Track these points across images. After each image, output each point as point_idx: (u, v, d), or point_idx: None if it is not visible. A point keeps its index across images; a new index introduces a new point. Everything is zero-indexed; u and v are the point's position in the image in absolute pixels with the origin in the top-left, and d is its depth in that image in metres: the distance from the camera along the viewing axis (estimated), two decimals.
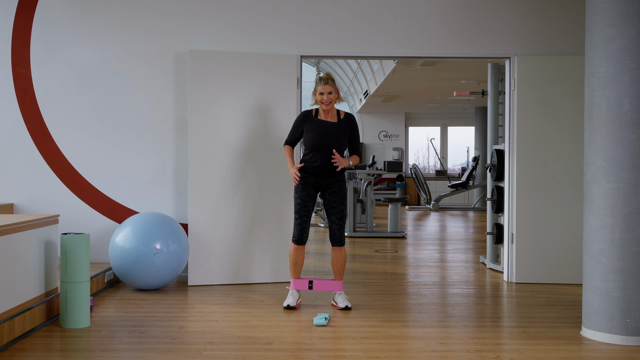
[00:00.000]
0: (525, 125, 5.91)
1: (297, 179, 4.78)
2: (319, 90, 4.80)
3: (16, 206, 5.96)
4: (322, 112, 4.87)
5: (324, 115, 4.86)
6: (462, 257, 7.66)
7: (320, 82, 4.81)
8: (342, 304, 4.82)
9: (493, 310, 5.03)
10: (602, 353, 3.81)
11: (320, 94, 4.80)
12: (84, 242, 4.30)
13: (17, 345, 3.85)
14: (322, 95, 4.79)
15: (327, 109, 4.81)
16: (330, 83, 4.80)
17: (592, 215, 4.13)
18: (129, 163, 6.02)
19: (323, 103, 4.79)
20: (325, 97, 4.78)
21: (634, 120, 3.98)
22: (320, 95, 4.80)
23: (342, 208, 4.86)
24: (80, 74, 6.00)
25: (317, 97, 4.83)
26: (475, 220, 13.01)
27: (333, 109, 4.89)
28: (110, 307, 4.87)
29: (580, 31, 5.79)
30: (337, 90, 4.83)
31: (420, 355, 3.72)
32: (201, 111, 5.69)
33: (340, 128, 4.84)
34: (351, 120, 4.93)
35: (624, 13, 3.98)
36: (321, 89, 4.79)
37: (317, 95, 4.83)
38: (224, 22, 5.97)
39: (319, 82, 4.81)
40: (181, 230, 5.51)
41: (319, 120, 4.85)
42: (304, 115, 4.91)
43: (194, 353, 3.71)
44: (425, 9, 6.01)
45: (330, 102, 4.79)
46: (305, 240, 4.88)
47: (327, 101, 4.77)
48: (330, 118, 4.87)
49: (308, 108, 4.99)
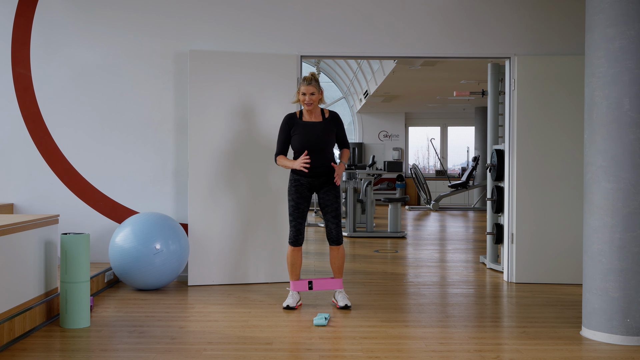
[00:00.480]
0: (525, 125, 5.91)
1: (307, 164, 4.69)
2: (301, 90, 4.80)
3: (16, 206, 5.96)
4: (305, 113, 4.86)
5: (308, 116, 4.86)
6: (462, 257, 7.66)
7: (304, 82, 4.79)
8: (341, 303, 4.83)
9: (493, 310, 5.03)
10: (602, 353, 3.81)
11: (303, 94, 4.79)
12: (84, 242, 4.30)
13: (17, 345, 3.85)
14: (304, 95, 4.78)
15: (309, 109, 4.81)
16: (314, 84, 4.78)
17: (592, 215, 4.13)
18: (129, 163, 6.02)
19: (305, 103, 4.78)
20: (307, 98, 4.77)
21: (634, 120, 3.98)
22: (303, 96, 4.79)
23: (336, 206, 4.87)
24: (80, 74, 6.00)
25: (299, 97, 4.83)
26: (475, 220, 13.01)
27: (317, 109, 4.87)
28: (110, 307, 4.87)
29: (580, 31, 5.79)
30: (320, 91, 4.82)
31: (420, 355, 3.72)
32: (201, 111, 5.69)
33: (325, 127, 4.83)
34: (335, 117, 4.93)
35: (624, 13, 3.98)
36: (304, 89, 4.78)
37: (299, 95, 4.82)
38: (223, 22, 5.97)
39: (302, 82, 4.80)
40: (181, 230, 5.51)
41: (304, 122, 4.84)
42: (288, 118, 4.89)
43: (194, 353, 3.71)
44: (425, 9, 6.01)
45: (312, 103, 4.79)
46: (301, 242, 4.89)
47: (308, 102, 4.77)
48: (314, 118, 4.86)
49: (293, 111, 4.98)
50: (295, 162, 4.75)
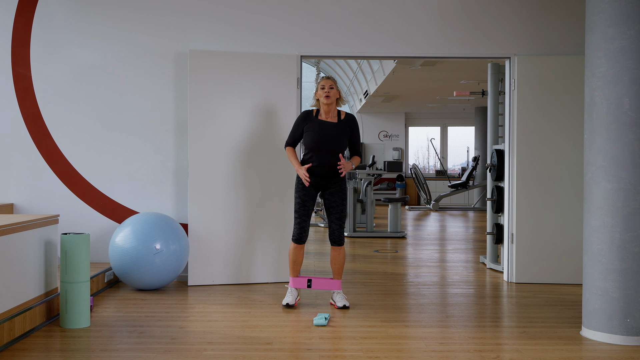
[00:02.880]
0: (525, 125, 5.91)
1: (308, 180, 4.77)
2: (320, 84, 4.85)
3: (16, 206, 5.96)
4: (322, 113, 4.87)
5: (325, 115, 4.87)
6: (462, 257, 7.66)
7: (323, 77, 4.90)
8: (340, 303, 4.83)
9: (493, 310, 5.03)
10: (602, 353, 3.81)
11: (322, 87, 4.82)
12: (84, 242, 4.30)
13: (17, 345, 3.85)
14: (323, 89, 4.81)
15: (328, 102, 4.81)
16: (332, 79, 4.87)
17: (592, 215, 4.13)
18: (129, 163, 6.02)
19: (324, 96, 4.78)
20: (327, 90, 4.80)
21: (634, 120, 3.98)
22: (322, 90, 4.81)
23: (341, 208, 4.86)
24: (80, 74, 6.00)
25: (318, 92, 4.85)
26: (475, 220, 13.01)
27: (334, 109, 4.89)
28: (110, 307, 4.87)
29: (580, 31, 5.79)
30: (338, 90, 4.87)
31: (420, 355, 3.72)
32: (201, 111, 5.69)
33: (340, 128, 4.84)
34: (352, 120, 4.94)
35: (624, 13, 3.98)
36: (323, 83, 4.85)
37: (318, 90, 4.86)
38: (224, 22, 5.97)
39: (322, 78, 4.89)
40: (181, 230, 5.51)
41: (319, 120, 4.85)
42: (305, 115, 4.91)
43: (194, 353, 3.71)
44: (425, 9, 6.01)
45: (331, 97, 4.80)
46: (304, 240, 4.89)
47: (327, 93, 4.78)
48: (330, 118, 4.87)
49: (309, 108, 5.00)
50: (299, 170, 4.79)
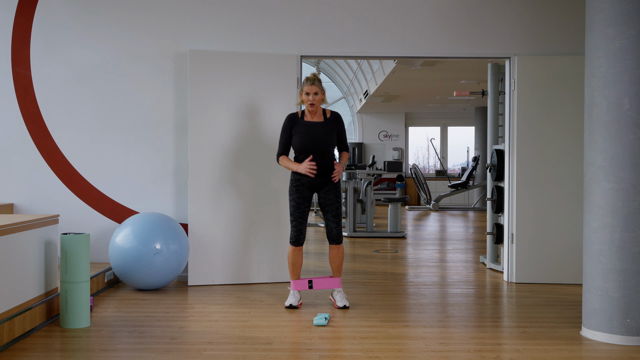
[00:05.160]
0: (525, 125, 5.91)
1: (315, 169, 4.74)
2: (305, 90, 4.81)
3: (16, 206, 5.96)
4: (308, 113, 4.88)
5: (310, 116, 4.87)
6: (462, 257, 7.66)
7: (307, 82, 4.81)
8: (340, 303, 4.83)
9: (493, 310, 5.03)
10: (602, 353, 3.81)
11: (307, 94, 4.80)
12: (84, 242, 4.30)
13: (17, 345, 3.85)
14: (308, 95, 4.79)
15: (313, 109, 4.82)
16: (317, 83, 4.80)
17: (592, 215, 4.13)
18: (129, 163, 6.02)
19: (309, 104, 4.79)
20: (311, 97, 4.78)
21: (634, 120, 3.98)
22: (307, 96, 4.80)
23: (336, 206, 4.87)
24: (80, 74, 6.00)
25: (302, 97, 4.83)
26: (475, 220, 13.01)
27: (319, 109, 4.89)
28: (110, 307, 4.87)
29: (580, 31, 5.79)
30: (323, 91, 4.84)
31: (420, 355, 3.72)
32: (201, 111, 5.69)
33: (327, 127, 4.84)
34: (337, 118, 4.94)
35: (624, 13, 3.98)
36: (307, 89, 4.79)
37: (303, 95, 4.83)
38: (223, 22, 5.97)
39: (306, 82, 4.81)
40: (181, 230, 5.51)
41: (306, 121, 4.85)
42: (290, 118, 4.90)
43: (194, 353, 3.71)
44: (425, 9, 6.01)
45: (316, 104, 4.79)
46: (302, 242, 4.89)
47: (312, 101, 4.78)
48: (316, 118, 4.87)
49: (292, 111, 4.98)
50: (300, 166, 4.76)
